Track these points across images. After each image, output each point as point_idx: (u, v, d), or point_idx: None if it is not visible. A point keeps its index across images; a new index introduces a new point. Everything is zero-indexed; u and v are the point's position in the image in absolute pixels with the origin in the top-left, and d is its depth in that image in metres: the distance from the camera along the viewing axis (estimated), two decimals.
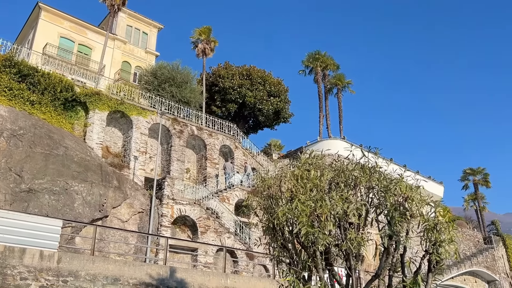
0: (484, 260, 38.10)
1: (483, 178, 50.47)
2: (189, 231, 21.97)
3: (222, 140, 28.55)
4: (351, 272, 7.68)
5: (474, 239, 42.02)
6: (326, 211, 7.32)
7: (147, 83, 29.45)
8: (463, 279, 35.48)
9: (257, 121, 37.66)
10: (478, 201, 49.48)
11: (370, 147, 8.88)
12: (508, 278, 40.40)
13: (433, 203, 8.02)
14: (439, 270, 8.09)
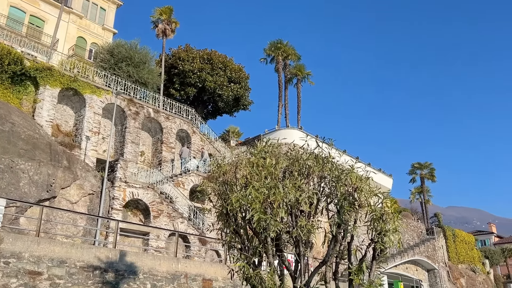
0: (426, 250, 40.33)
1: (429, 173, 53.08)
2: (141, 215, 21.64)
3: (180, 124, 28.15)
4: (300, 258, 7.89)
5: (417, 230, 44.30)
6: (279, 198, 7.46)
7: (103, 61, 28.37)
8: (405, 267, 37.40)
9: (216, 106, 37.41)
10: (423, 194, 52.07)
11: (324, 138, 9.09)
12: (446, 267, 43.06)
13: (381, 194, 8.35)
14: (383, 258, 8.48)
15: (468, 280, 45.93)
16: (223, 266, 16.86)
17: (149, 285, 14.52)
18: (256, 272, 7.38)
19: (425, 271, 40.36)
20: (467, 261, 49.49)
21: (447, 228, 49.77)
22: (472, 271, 49.05)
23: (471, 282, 46.26)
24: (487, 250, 58.54)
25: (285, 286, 8.06)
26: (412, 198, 53.41)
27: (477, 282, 47.42)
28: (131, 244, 20.03)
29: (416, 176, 53.32)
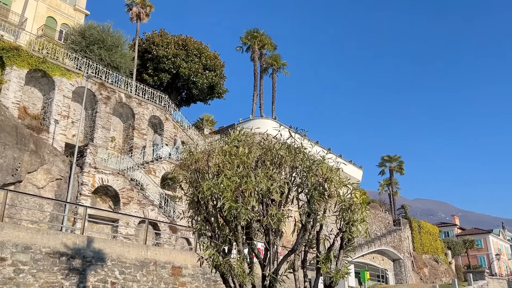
0: (392, 240, 41.53)
1: (398, 165, 54.43)
2: (111, 201, 21.31)
3: (152, 111, 27.74)
4: (269, 246, 7.98)
5: (385, 221, 45.51)
6: (250, 187, 7.49)
7: (73, 43, 27.50)
8: (372, 257, 38.44)
9: (190, 94, 37.00)
10: (392, 186, 53.41)
11: (297, 129, 9.17)
12: (410, 257, 44.51)
13: (350, 185, 8.50)
14: (350, 248, 8.69)
15: (431, 270, 47.68)
16: (193, 254, 16.86)
17: (117, 272, 14.38)
18: (225, 260, 7.42)
19: (391, 260, 41.60)
20: (431, 251, 51.31)
21: (413, 219, 51.35)
22: (435, 261, 50.92)
23: (434, 272, 48.05)
24: (450, 241, 60.82)
25: (254, 273, 8.15)
26: (380, 190, 54.71)
27: (439, 271, 49.29)
28: (99, 230, 19.73)
29: (386, 169, 54.59)
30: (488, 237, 69.88)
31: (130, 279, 14.69)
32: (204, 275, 17.23)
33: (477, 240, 67.13)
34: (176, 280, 16.21)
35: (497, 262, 65.09)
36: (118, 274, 14.39)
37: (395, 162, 54.48)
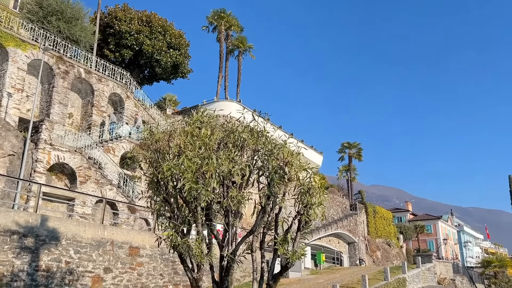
0: (348, 224, 42.92)
1: (357, 152, 55.97)
2: (67, 180, 20.67)
3: (113, 88, 26.91)
4: (228, 228, 8.06)
5: (342, 205, 46.89)
6: (211, 169, 7.49)
7: (30, 12, 26.03)
8: (328, 240, 39.59)
9: (153, 72, 36.11)
10: (350, 172, 54.95)
11: (260, 112, 9.22)
12: (365, 240, 46.25)
13: (310, 169, 8.68)
14: (307, 230, 8.92)
15: (383, 253, 49.81)
16: (151, 234, 16.75)
17: (72, 252, 14.08)
18: (184, 240, 7.43)
19: (346, 244, 43.06)
20: (384, 235, 53.52)
21: (369, 204, 53.23)
22: (388, 244, 53.20)
23: (386, 255, 50.24)
24: (402, 226, 63.60)
25: (213, 254, 8.22)
26: (339, 175, 56.17)
27: (391, 255, 51.58)
28: (54, 209, 19.14)
29: (345, 155, 56.01)
30: (437, 223, 73.64)
31: (86, 259, 14.44)
32: (162, 256, 17.19)
33: (427, 225, 70.57)
34: (133, 260, 16.08)
35: (444, 246, 68.91)
36: (73, 253, 14.09)
37: (354, 149, 55.94)
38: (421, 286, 27.15)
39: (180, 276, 17.55)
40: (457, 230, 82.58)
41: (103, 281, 14.82)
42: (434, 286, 29.07)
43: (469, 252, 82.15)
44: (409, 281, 25.35)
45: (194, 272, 7.81)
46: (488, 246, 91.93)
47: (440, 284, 31.17)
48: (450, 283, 33.52)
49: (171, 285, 17.31)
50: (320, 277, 27.01)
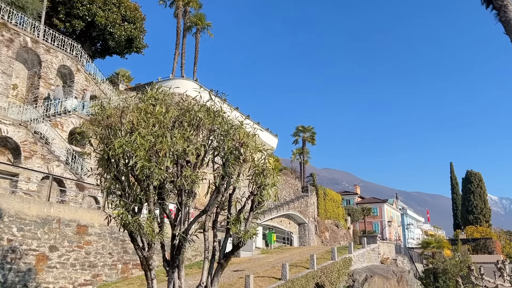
0: (299, 206, 43.98)
1: (310, 136, 57.05)
2: (10, 154, 19.58)
3: (62, 60, 25.56)
4: (181, 207, 8.00)
5: (294, 187, 47.89)
6: (165, 147, 7.35)
7: None
8: (280, 220, 40.43)
9: (106, 45, 34.57)
10: (303, 155, 56.02)
11: (217, 92, 9.11)
12: (314, 222, 47.66)
13: (265, 151, 8.75)
14: (260, 210, 9.04)
15: (331, 234, 51.63)
16: (101, 213, 16.31)
17: (15, 229, 13.46)
18: (134, 219, 7.29)
19: (297, 224, 44.18)
20: (333, 217, 55.41)
21: (320, 187, 54.72)
22: (336, 226, 55.16)
23: (334, 236, 52.12)
24: (350, 208, 66.09)
25: (164, 233, 8.15)
26: (293, 158, 57.15)
27: (338, 235, 53.58)
28: None
29: (299, 138, 56.95)
30: (383, 206, 77.22)
31: (30, 237, 13.86)
32: (111, 234, 16.84)
33: (374, 208, 73.83)
34: (81, 239, 15.64)
35: (388, 228, 72.49)
36: (15, 231, 13.48)
37: (308, 132, 56.96)
38: (365, 265, 28.48)
39: (130, 255, 17.31)
40: (401, 213, 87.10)
41: (48, 259, 14.33)
42: (377, 265, 30.60)
43: (410, 234, 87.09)
44: (354, 261, 26.51)
45: (145, 250, 7.72)
46: (428, 229, 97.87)
47: (383, 263, 32.86)
48: (392, 262, 35.42)
49: (121, 264, 17.06)
50: (270, 256, 27.63)
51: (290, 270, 19.63)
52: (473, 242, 67.64)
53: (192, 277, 17.62)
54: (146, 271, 7.95)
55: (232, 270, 20.65)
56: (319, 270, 21.05)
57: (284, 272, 18.21)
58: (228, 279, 18.18)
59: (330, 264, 22.71)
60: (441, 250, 47.72)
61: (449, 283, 32.42)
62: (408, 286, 30.79)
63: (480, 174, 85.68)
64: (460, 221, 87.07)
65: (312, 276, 20.02)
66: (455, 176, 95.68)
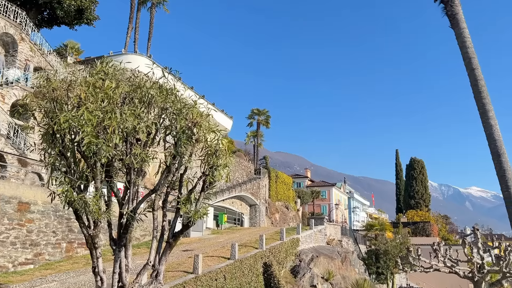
0: (251, 188, 44.47)
1: (265, 119, 57.48)
2: None
3: (5, 27, 23.87)
4: (130, 185, 7.83)
5: (247, 169, 48.25)
6: (114, 124, 7.11)
7: None
8: (231, 202, 40.73)
9: (54, 14, 32.62)
10: (257, 138, 56.45)
11: (171, 69, 8.90)
12: (265, 203, 48.44)
13: (218, 132, 8.71)
14: (211, 191, 9.04)
15: (281, 215, 52.78)
16: (44, 190, 15.67)
17: None
18: (80, 196, 7.05)
19: (248, 206, 44.73)
20: (284, 199, 56.57)
21: (272, 170, 55.52)
22: (286, 208, 56.41)
23: (284, 217, 53.32)
24: (300, 191, 67.71)
25: (111, 212, 7.96)
26: (247, 141, 57.47)
27: (288, 217, 54.87)
28: None
29: (254, 121, 57.23)
30: (332, 189, 79.74)
31: None
32: (56, 212, 16.24)
33: (322, 191, 76.09)
34: (22, 216, 14.96)
35: (335, 210, 75.12)
36: None
37: (263, 115, 57.33)
38: (312, 246, 29.46)
39: (75, 233, 16.82)
40: (348, 197, 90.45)
41: None
42: (323, 246, 31.73)
43: (356, 216, 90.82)
44: (302, 241, 27.33)
45: (90, 229, 7.52)
46: (372, 212, 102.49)
47: (329, 244, 34.13)
48: (337, 243, 36.86)
49: (65, 243, 16.54)
50: (220, 236, 27.86)
51: (239, 250, 19.93)
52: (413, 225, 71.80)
53: (140, 257, 17.46)
54: (91, 250, 7.76)
55: (181, 250, 20.67)
56: (267, 250, 21.53)
57: (233, 252, 18.46)
58: (177, 258, 18.18)
59: (278, 245, 23.27)
60: (384, 233, 50.23)
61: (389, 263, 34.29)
62: (352, 266, 32.25)
63: (422, 162, 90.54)
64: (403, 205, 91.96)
65: (261, 256, 20.45)
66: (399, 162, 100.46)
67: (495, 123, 11.36)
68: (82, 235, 8.05)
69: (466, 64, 11.82)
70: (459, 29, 11.97)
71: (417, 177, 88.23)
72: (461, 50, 11.98)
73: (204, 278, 15.17)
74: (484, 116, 11.39)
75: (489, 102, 11.46)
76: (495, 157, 11.22)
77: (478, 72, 11.66)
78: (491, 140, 11.21)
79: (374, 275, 35.67)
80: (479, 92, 11.51)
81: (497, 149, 11.12)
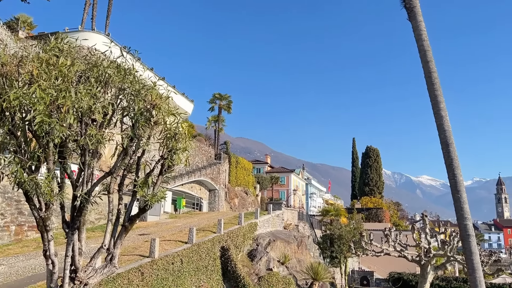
0: (211, 172, 44.38)
1: (227, 104, 57.20)
2: None
3: None
4: (84, 167, 7.62)
5: (208, 154, 48.04)
6: (69, 103, 6.85)
7: None
8: (190, 186, 40.52)
9: None
10: (218, 123, 56.16)
11: (130, 48, 8.65)
12: (225, 188, 48.55)
13: (178, 115, 8.59)
14: (170, 174, 8.95)
15: (240, 200, 53.15)
16: None
17: None
18: (31, 177, 6.78)
19: (207, 190, 44.66)
20: (243, 184, 56.93)
21: (233, 155, 55.59)
22: (245, 193, 56.83)
23: (243, 202, 53.74)
24: (260, 176, 68.35)
25: (65, 194, 7.73)
26: (208, 126, 57.04)
27: (247, 202, 55.35)
28: None
29: (215, 106, 56.81)
30: (290, 175, 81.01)
31: None
32: (4, 194, 15.54)
33: (281, 177, 77.16)
34: None
35: (293, 196, 76.55)
36: None
37: (224, 100, 57.02)
38: (269, 230, 29.94)
39: (25, 216, 16.20)
40: (306, 183, 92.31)
41: None
42: (280, 230, 32.34)
43: (313, 202, 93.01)
44: (259, 226, 27.72)
45: (42, 211, 7.27)
46: (329, 198, 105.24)
47: (286, 229, 34.81)
48: (294, 228, 37.67)
49: (14, 226, 15.91)
50: (178, 221, 27.74)
51: (197, 234, 19.96)
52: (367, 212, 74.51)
53: (94, 240, 17.11)
54: (42, 233, 7.52)
55: (138, 234, 20.44)
56: (225, 234, 21.69)
57: (191, 236, 18.47)
58: (134, 242, 17.97)
59: (236, 229, 23.49)
60: (339, 218, 51.84)
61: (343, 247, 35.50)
62: (307, 250, 33.13)
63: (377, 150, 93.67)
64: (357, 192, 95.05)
65: (218, 240, 20.58)
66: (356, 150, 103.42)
67: (445, 114, 11.91)
68: (33, 218, 7.77)
69: (421, 56, 12.26)
70: (416, 22, 12.37)
71: (372, 165, 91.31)
72: (417, 43, 12.39)
73: (161, 262, 15.10)
74: (435, 107, 11.90)
75: (440, 94, 11.98)
76: (444, 147, 11.79)
77: (432, 64, 12.13)
78: (441, 130, 11.76)
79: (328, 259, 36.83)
80: (432, 84, 11.99)
81: (446, 139, 11.68)
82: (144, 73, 9.12)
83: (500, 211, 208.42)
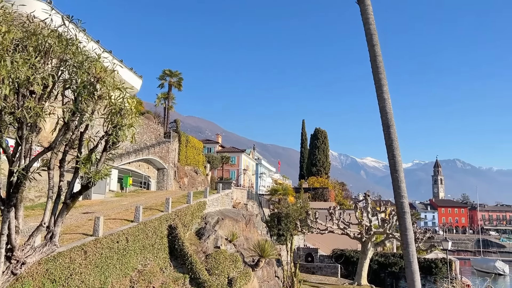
0: (160, 151, 43.61)
1: (177, 81, 55.98)
2: None
3: None
4: (21, 142, 7.23)
5: (156, 132, 47.02)
6: (4, 73, 6.44)
7: None
8: (138, 165, 39.63)
9: None
10: (168, 100, 54.95)
11: (72, 17, 8.21)
12: (174, 167, 47.98)
13: (124, 90, 8.31)
14: (115, 151, 8.70)
15: (190, 179, 52.83)
16: None
17: None
18: None
19: (156, 169, 43.93)
20: (193, 164, 56.54)
21: (183, 134, 54.85)
22: (195, 172, 56.52)
23: (192, 181, 53.46)
24: (210, 156, 68.16)
25: (0, 169, 7.32)
26: (157, 103, 55.65)
27: (197, 181, 55.13)
28: None
29: (165, 82, 55.44)
30: (241, 155, 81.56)
31: None
32: None
33: (232, 157, 77.48)
34: None
35: (243, 176, 77.27)
36: None
37: (175, 77, 55.75)
38: (218, 209, 30.13)
39: None
40: (256, 163, 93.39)
41: None
42: (229, 209, 32.64)
43: (263, 182, 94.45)
44: (208, 204, 27.80)
45: None
46: (278, 178, 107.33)
47: (235, 207, 35.18)
48: (243, 206, 38.14)
49: None
50: (125, 199, 27.17)
51: (144, 213, 19.70)
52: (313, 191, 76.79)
53: (34, 218, 16.42)
54: None
55: (81, 212, 19.84)
56: (173, 213, 21.57)
57: (137, 215, 18.20)
58: (77, 221, 17.44)
59: (184, 208, 23.42)
60: (286, 197, 53.06)
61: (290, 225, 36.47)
62: (255, 228, 33.75)
63: (325, 132, 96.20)
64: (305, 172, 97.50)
65: (166, 219, 20.45)
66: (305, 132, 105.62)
67: (388, 97, 12.44)
68: None
69: (368, 39, 12.64)
70: (364, 5, 12.69)
71: (319, 146, 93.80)
72: (364, 26, 12.75)
73: (105, 241, 14.80)
74: (379, 90, 12.39)
75: (384, 78, 12.48)
76: (385, 128, 12.36)
77: (377, 48, 12.56)
78: (383, 112, 12.30)
79: (275, 236, 37.77)
80: (377, 68, 12.45)
81: (387, 121, 12.25)
82: (88, 44, 8.69)
83: (436, 192, 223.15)
